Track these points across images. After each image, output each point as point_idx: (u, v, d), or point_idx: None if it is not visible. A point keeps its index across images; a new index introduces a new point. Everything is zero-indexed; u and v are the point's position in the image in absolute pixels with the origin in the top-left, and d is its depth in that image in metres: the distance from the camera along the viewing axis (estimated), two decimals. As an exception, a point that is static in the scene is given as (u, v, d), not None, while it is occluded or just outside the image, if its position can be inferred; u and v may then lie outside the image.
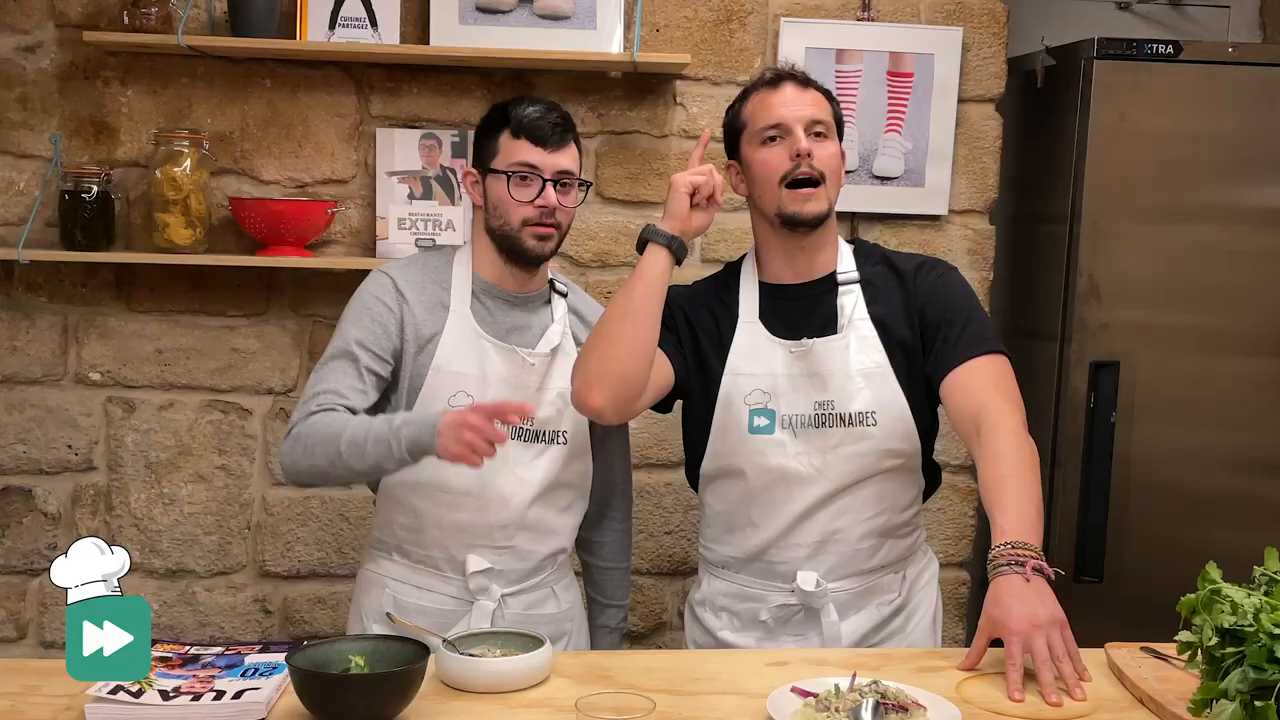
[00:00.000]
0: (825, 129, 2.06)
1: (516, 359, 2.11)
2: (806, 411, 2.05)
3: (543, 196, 2.07)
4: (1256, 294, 2.96)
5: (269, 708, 1.58)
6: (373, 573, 2.18)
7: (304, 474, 2.01)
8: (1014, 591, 1.72)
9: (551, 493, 2.15)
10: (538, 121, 2.08)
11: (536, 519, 2.13)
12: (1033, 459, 1.91)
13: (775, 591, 2.10)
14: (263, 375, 3.05)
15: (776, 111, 2.04)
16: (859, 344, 2.05)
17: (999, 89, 3.10)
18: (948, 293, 2.09)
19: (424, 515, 2.11)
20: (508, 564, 2.12)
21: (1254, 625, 1.41)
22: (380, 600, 2.13)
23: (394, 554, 2.15)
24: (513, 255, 2.13)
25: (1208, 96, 2.94)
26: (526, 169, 2.07)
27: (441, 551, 2.11)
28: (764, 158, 2.05)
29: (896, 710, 1.55)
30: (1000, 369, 2.03)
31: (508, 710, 1.61)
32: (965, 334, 2.04)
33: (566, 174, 2.10)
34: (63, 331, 3.01)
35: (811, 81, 2.10)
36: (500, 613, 2.11)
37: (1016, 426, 1.93)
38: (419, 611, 2.10)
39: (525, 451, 2.11)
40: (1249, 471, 2.99)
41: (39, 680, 1.67)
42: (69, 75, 2.95)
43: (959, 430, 2.01)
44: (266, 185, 3.00)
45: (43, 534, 3.05)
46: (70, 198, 2.85)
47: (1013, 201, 3.26)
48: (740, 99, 2.13)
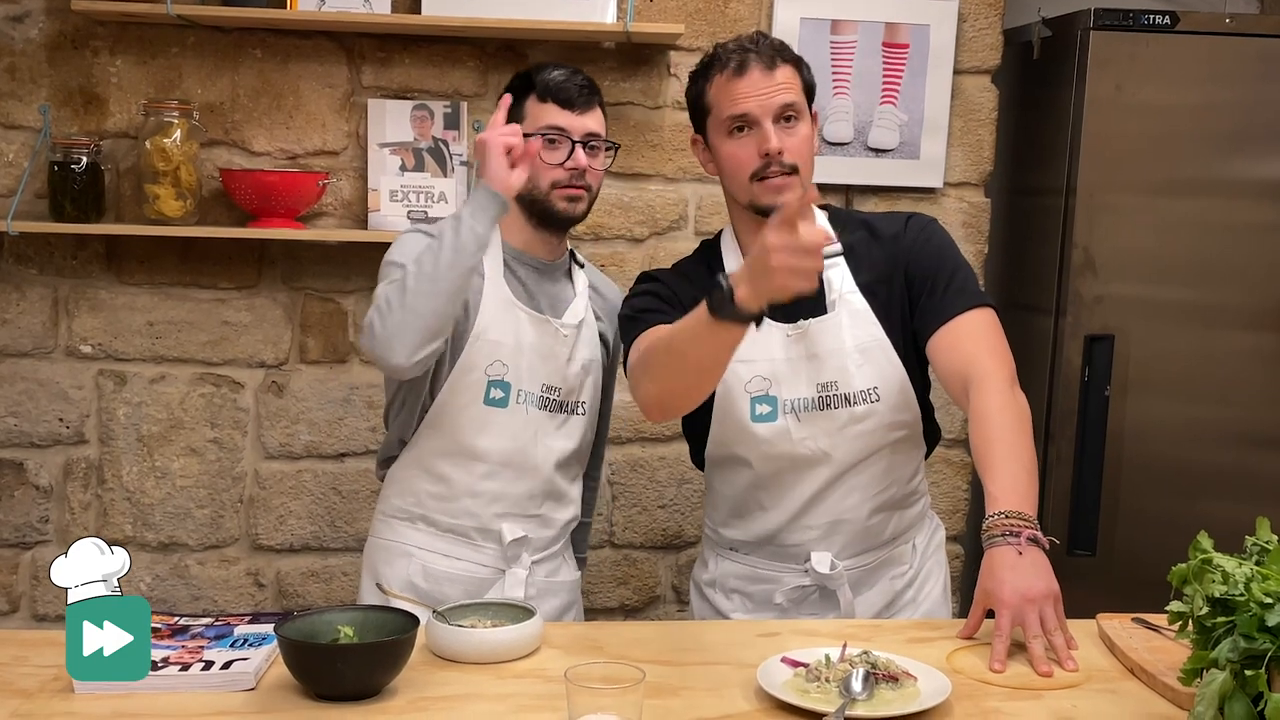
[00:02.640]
0: (796, 111, 1.95)
1: (550, 329, 2.10)
2: (809, 395, 2.00)
3: (572, 159, 2.06)
4: (1252, 268, 2.95)
5: (258, 678, 1.57)
6: (393, 541, 2.14)
7: (399, 329, 1.88)
8: (1008, 563, 1.70)
9: (569, 461, 2.17)
10: (564, 84, 2.07)
11: (558, 486, 2.16)
12: (1020, 417, 1.87)
13: (789, 573, 2.06)
14: (254, 348, 3.04)
15: (743, 103, 1.94)
16: (852, 319, 2.00)
17: (995, 60, 3.08)
18: (930, 249, 2.04)
19: (456, 484, 2.10)
20: (535, 531, 2.14)
21: (1245, 594, 1.40)
22: (408, 569, 2.11)
23: (419, 523, 2.13)
24: (543, 219, 2.11)
25: (1205, 68, 2.92)
26: (555, 132, 2.06)
27: (473, 520, 2.10)
28: (732, 151, 1.97)
29: (887, 680, 1.54)
30: (986, 322, 1.98)
31: (498, 681, 1.61)
32: (949, 290, 1.99)
33: (594, 136, 2.10)
34: (53, 304, 3.00)
35: (780, 52, 1.98)
36: (530, 580, 2.12)
37: (1003, 385, 1.89)
38: (450, 580, 2.09)
39: (551, 421, 2.12)
40: (1243, 445, 2.99)
41: (26, 651, 1.67)
42: (58, 45, 2.93)
43: (949, 390, 1.98)
44: (257, 156, 2.98)
45: (34, 507, 3.04)
46: (59, 169, 2.83)
47: (1008, 174, 3.24)
48: (703, 75, 2.01)
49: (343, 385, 3.06)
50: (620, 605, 3.17)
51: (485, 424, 2.07)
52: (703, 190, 3.05)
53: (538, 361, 2.09)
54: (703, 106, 2.02)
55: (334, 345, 3.05)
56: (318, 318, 3.04)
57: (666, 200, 3.05)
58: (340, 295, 3.03)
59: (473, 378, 2.04)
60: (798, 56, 2.02)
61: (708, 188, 3.05)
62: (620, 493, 3.13)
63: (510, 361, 2.06)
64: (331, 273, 3.03)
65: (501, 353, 2.06)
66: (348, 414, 3.06)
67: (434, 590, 2.07)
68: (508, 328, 2.07)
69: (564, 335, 2.12)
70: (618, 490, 3.12)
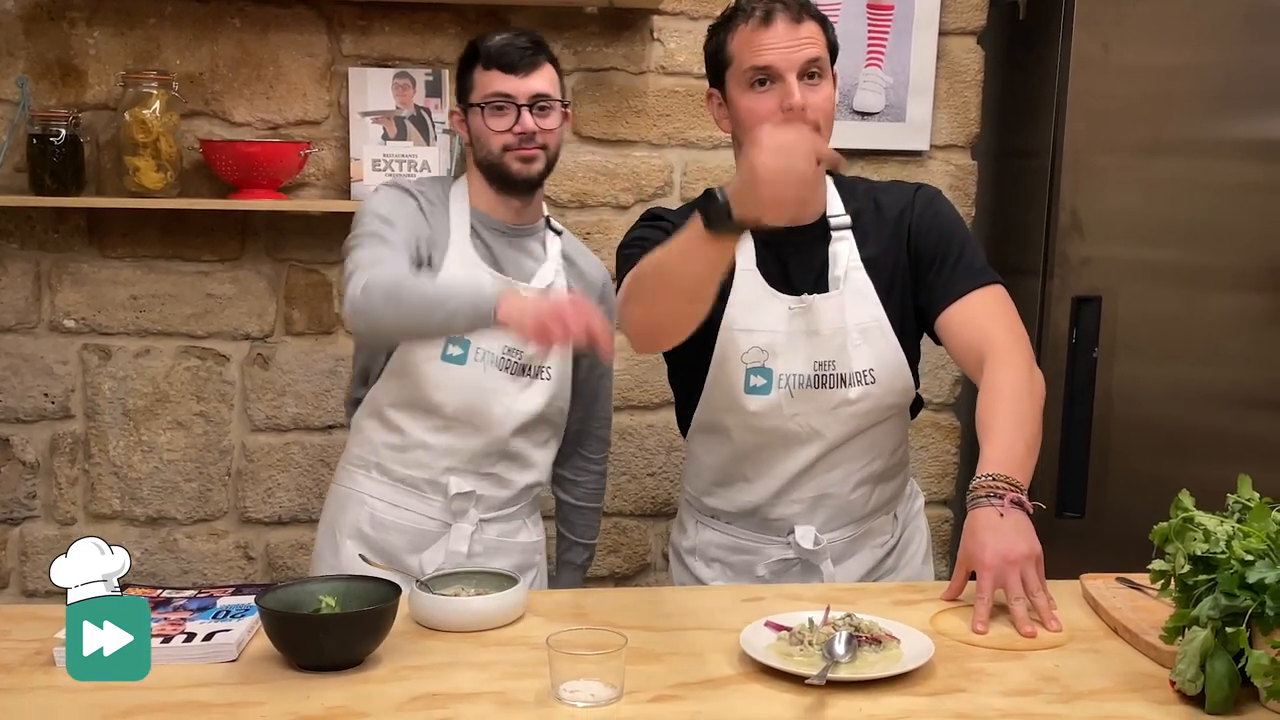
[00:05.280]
0: (820, 68, 1.89)
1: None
2: (805, 371, 1.96)
3: (520, 123, 2.08)
4: (1239, 228, 2.93)
5: (240, 649, 1.57)
6: (349, 489, 2.20)
7: (374, 327, 1.94)
8: (989, 525, 1.70)
9: (533, 426, 2.18)
10: (505, 49, 2.10)
11: (518, 449, 2.18)
12: (1034, 395, 1.87)
13: (771, 545, 2.06)
14: (239, 321, 3.02)
15: (767, 55, 1.87)
16: (855, 297, 1.97)
17: (980, 21, 3.06)
18: (939, 224, 2.01)
19: (410, 435, 2.14)
20: (487, 489, 2.16)
21: (1226, 552, 1.40)
22: (358, 516, 2.17)
23: (373, 471, 2.18)
24: (504, 184, 2.14)
25: (1192, 27, 2.89)
26: (500, 98, 2.10)
27: (424, 472, 2.15)
28: (752, 105, 1.89)
29: (870, 643, 1.54)
30: (1000, 299, 1.97)
31: (481, 649, 1.60)
32: (960, 266, 1.97)
33: (542, 96, 2.11)
34: (35, 278, 2.98)
35: (807, 7, 1.91)
36: (477, 537, 2.15)
37: (1021, 362, 1.88)
38: (396, 530, 2.15)
39: (512, 383, 2.14)
40: (1231, 406, 2.99)
41: (9, 625, 1.66)
42: (34, 17, 2.90)
43: (963, 366, 1.96)
44: (238, 127, 2.95)
45: (21, 483, 3.03)
46: (38, 141, 2.81)
47: (994, 136, 3.22)
48: (725, 26, 1.94)
49: (329, 357, 3.05)
50: (611, 573, 3.17)
51: (442, 379, 2.10)
52: (688, 156, 3.03)
53: None
54: (723, 59, 1.94)
55: (319, 317, 3.03)
56: (302, 289, 3.02)
57: (652, 166, 3.02)
58: (324, 266, 3.02)
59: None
60: (823, 14, 1.96)
61: (693, 154, 3.03)
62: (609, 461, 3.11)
63: None
64: (315, 243, 3.01)
65: None
66: (334, 385, 3.05)
67: (380, 538, 2.14)
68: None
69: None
70: (606, 458, 3.12)
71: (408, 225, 2.06)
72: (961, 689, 1.48)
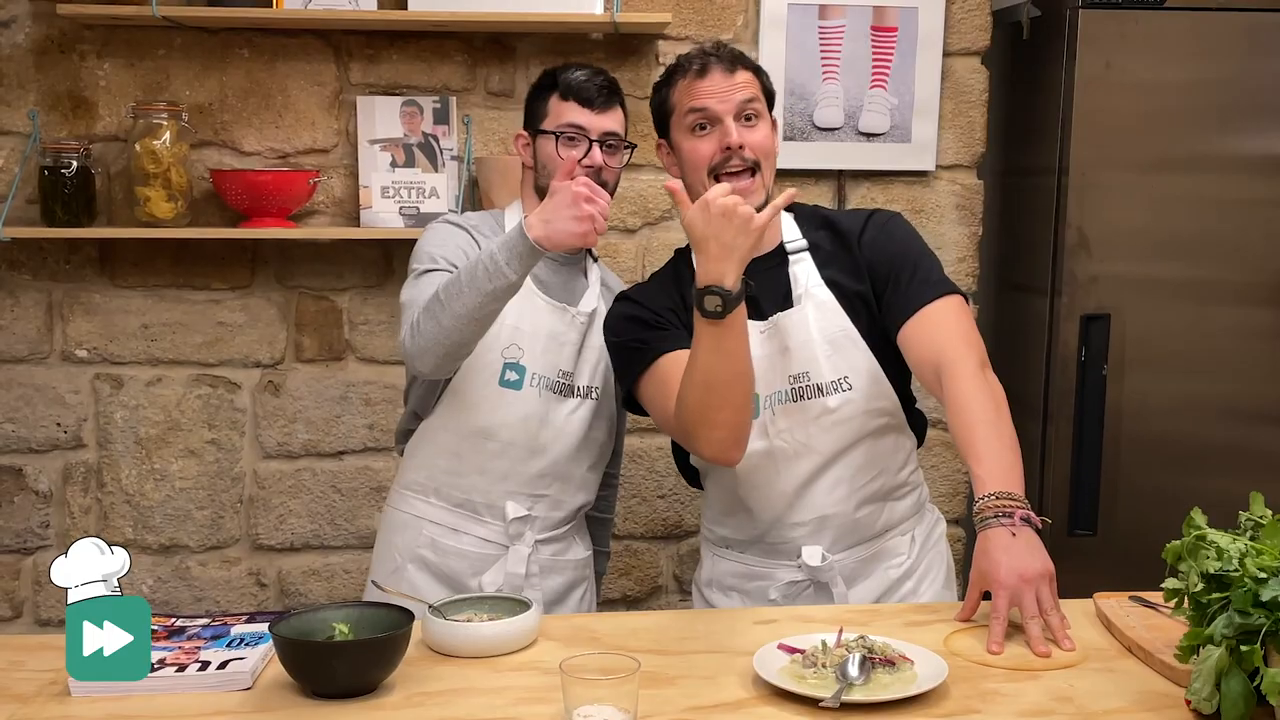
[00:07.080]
0: (755, 110, 2.01)
1: (566, 316, 2.19)
2: (783, 387, 2.01)
3: (589, 156, 2.14)
4: (1246, 243, 2.94)
5: (254, 677, 1.57)
6: (406, 514, 2.24)
7: (430, 346, 1.97)
8: (1002, 544, 1.70)
9: (584, 447, 2.23)
10: (585, 84, 2.16)
11: (570, 471, 2.23)
12: (995, 399, 1.87)
13: (781, 568, 2.07)
14: (250, 348, 3.04)
15: (704, 101, 1.99)
16: (818, 311, 2.01)
17: (984, 41, 3.07)
18: (892, 244, 2.06)
19: (467, 460, 2.18)
20: (542, 511, 2.21)
21: (1239, 570, 1.40)
22: (417, 540, 2.21)
23: (431, 496, 2.22)
24: None
25: (1194, 44, 2.91)
26: (574, 129, 2.15)
27: (481, 496, 2.19)
28: (695, 146, 2.01)
29: (883, 664, 1.54)
30: (953, 309, 1.99)
31: (495, 674, 1.61)
32: (914, 281, 2.00)
33: (612, 135, 2.18)
34: (47, 309, 3.00)
35: (740, 59, 2.04)
36: (533, 558, 2.19)
37: (975, 370, 1.90)
38: (456, 554, 2.20)
39: (562, 405, 2.19)
40: (1241, 422, 2.98)
41: (24, 656, 1.67)
42: (45, 49, 2.93)
43: (923, 381, 1.98)
44: (247, 156, 2.97)
45: (35, 512, 3.04)
46: (50, 174, 2.83)
47: (1000, 155, 3.23)
48: (666, 82, 2.07)
49: (339, 383, 3.06)
50: (623, 596, 3.17)
51: (498, 404, 2.15)
52: (694, 179, 3.04)
53: (553, 346, 2.17)
54: (666, 109, 2.08)
55: (329, 343, 3.05)
56: (312, 316, 3.04)
57: (658, 190, 3.04)
58: (334, 293, 3.03)
59: (489, 359, 2.13)
60: (757, 65, 2.09)
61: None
62: (620, 483, 3.12)
63: (526, 345, 2.15)
64: (325, 271, 3.03)
65: (518, 337, 2.15)
66: (345, 412, 3.06)
67: (441, 563, 2.19)
68: (525, 313, 2.15)
69: (579, 322, 2.20)
70: (617, 481, 3.12)
71: (457, 253, 2.11)
72: (976, 710, 1.48)
